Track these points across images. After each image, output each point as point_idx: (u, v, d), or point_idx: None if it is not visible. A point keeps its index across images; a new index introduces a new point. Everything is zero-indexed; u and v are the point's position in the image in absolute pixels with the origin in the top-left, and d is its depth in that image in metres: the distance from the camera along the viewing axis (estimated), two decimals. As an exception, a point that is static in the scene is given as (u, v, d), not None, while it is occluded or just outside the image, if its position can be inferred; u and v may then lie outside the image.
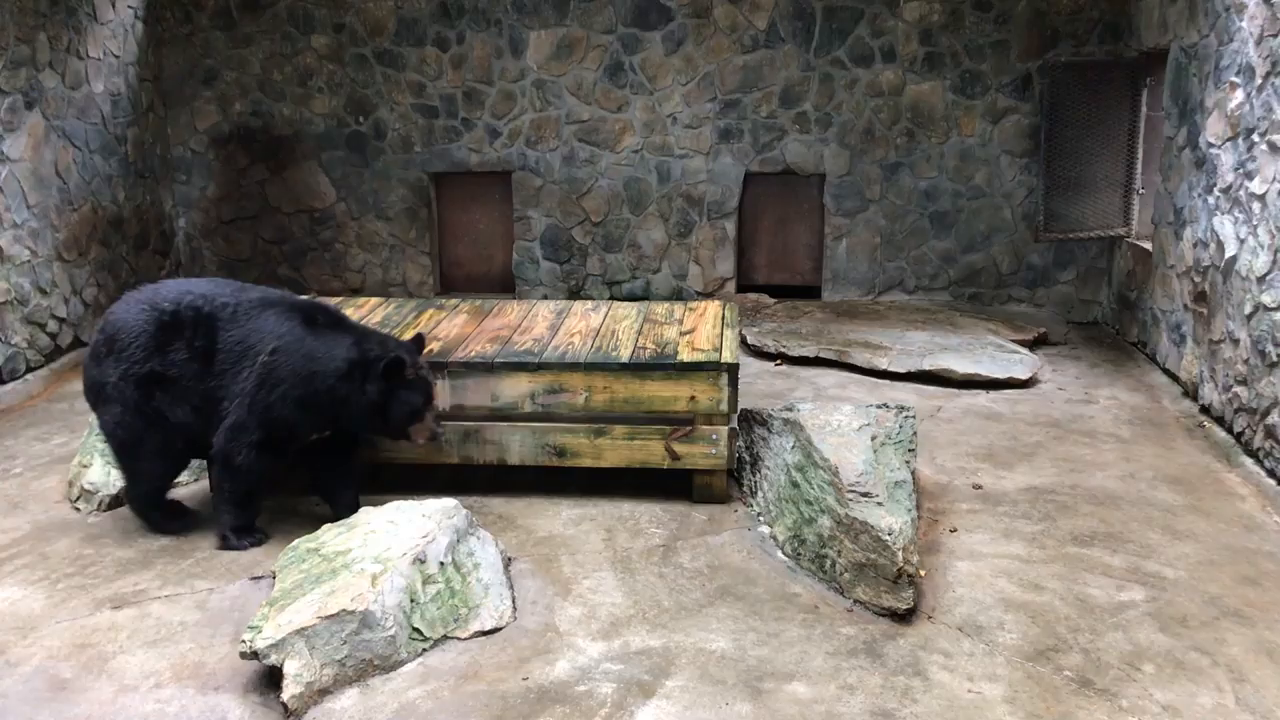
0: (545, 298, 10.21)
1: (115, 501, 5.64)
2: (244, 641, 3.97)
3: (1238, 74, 6.48)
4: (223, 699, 3.98)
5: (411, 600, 4.26)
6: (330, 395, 4.99)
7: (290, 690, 3.87)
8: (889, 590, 4.46)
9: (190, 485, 5.90)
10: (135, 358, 5.04)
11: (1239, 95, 6.44)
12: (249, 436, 4.97)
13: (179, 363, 5.04)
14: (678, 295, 10.22)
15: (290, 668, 3.91)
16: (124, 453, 5.21)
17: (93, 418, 6.18)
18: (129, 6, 9.53)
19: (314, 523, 5.35)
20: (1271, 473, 5.84)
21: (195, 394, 5.06)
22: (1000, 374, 7.67)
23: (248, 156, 10.39)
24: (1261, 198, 6.07)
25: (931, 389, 7.64)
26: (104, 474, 5.68)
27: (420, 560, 4.37)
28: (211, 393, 5.04)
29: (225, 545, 5.14)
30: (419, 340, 5.29)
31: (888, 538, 4.46)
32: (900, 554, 4.42)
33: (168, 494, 5.43)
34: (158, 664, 4.20)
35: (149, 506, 5.34)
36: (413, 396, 5.03)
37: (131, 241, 9.57)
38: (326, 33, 10.04)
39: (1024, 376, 7.66)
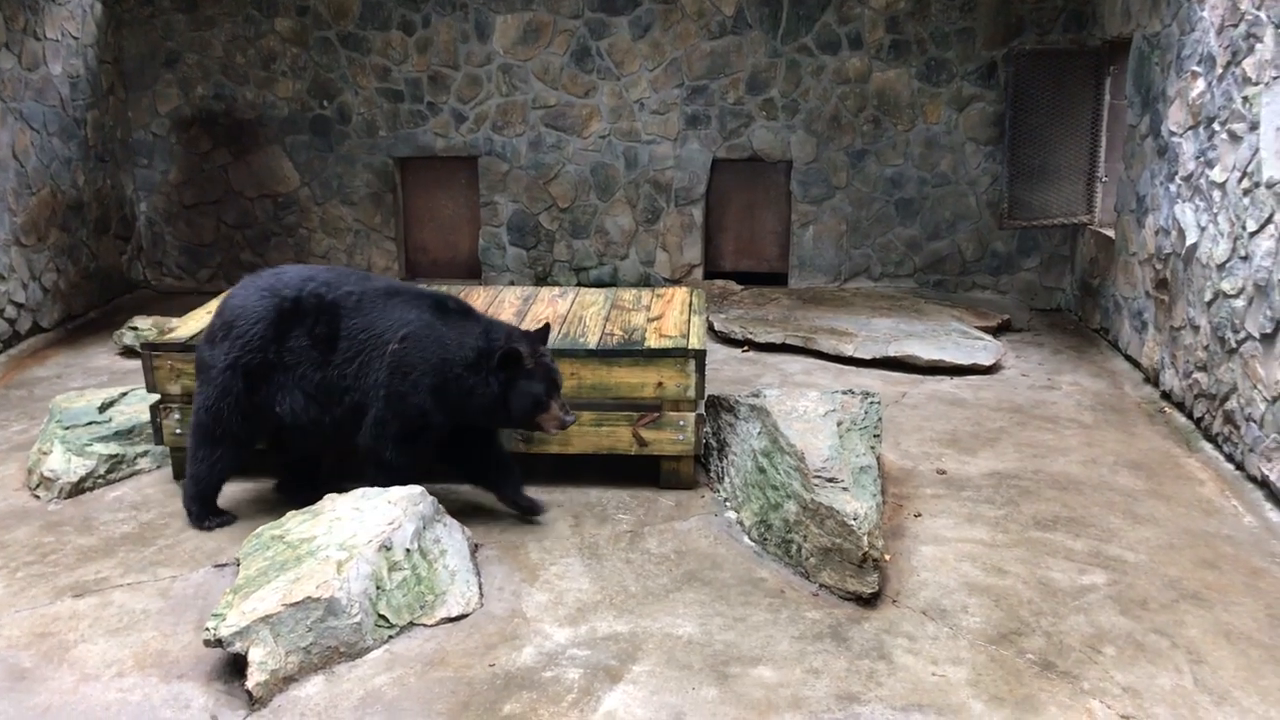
0: (512, 284, 10.17)
1: (75, 489, 5.58)
2: (208, 629, 3.94)
3: (1199, 63, 6.54)
4: (186, 687, 3.95)
5: (377, 587, 4.24)
6: (458, 385, 4.85)
7: (255, 678, 3.85)
8: (854, 575, 4.49)
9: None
10: (251, 345, 4.91)
11: (1200, 84, 6.51)
12: (390, 429, 4.87)
13: (297, 350, 4.91)
14: (645, 282, 10.22)
15: (255, 655, 3.88)
16: (203, 438, 5.09)
17: (52, 403, 6.13)
18: (88, -13, 9.39)
19: (278, 509, 5.33)
20: (1230, 458, 5.92)
21: (311, 382, 4.92)
22: (964, 360, 7.72)
23: (210, 140, 10.27)
24: (1222, 186, 6.14)
25: (896, 375, 7.68)
26: (64, 461, 5.61)
27: (386, 547, 4.35)
28: (332, 382, 4.91)
29: None
30: (545, 329, 5.11)
31: (853, 522, 4.49)
32: (865, 539, 4.45)
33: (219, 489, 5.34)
34: (120, 653, 4.16)
35: (197, 496, 5.21)
36: (533, 386, 4.86)
37: (92, 226, 9.45)
38: (290, 16, 9.94)
39: (988, 363, 7.72)
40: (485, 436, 5.22)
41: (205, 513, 5.22)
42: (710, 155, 9.94)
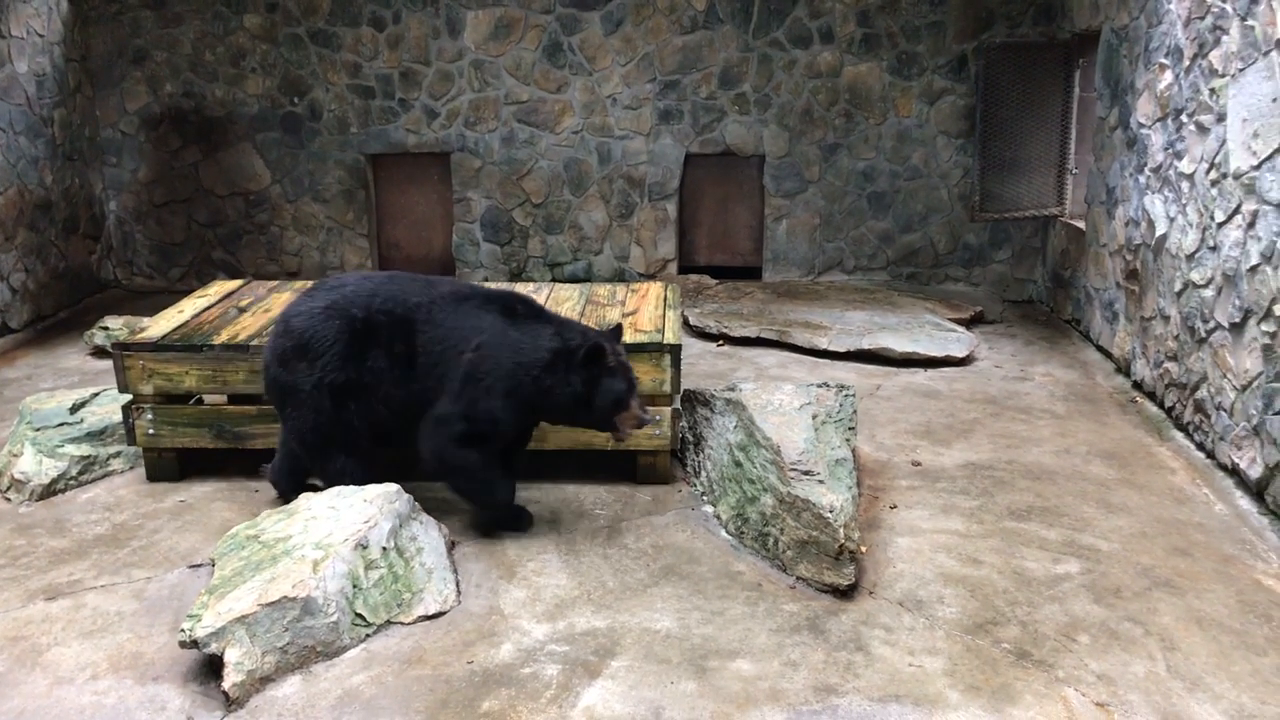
0: (486, 280, 10.15)
1: (47, 491, 5.53)
2: (183, 630, 3.91)
3: (1166, 55, 6.60)
4: (162, 689, 3.92)
5: (354, 586, 4.22)
6: (535, 386, 4.78)
7: (231, 679, 3.83)
8: (831, 567, 4.51)
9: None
10: (331, 365, 4.85)
11: (1168, 76, 6.56)
12: (453, 429, 4.80)
13: (379, 370, 4.86)
14: (620, 277, 10.21)
15: (231, 656, 3.86)
16: (317, 457, 5.06)
17: (22, 405, 6.07)
18: (53, -16, 9.29)
19: (254, 509, 5.30)
20: (1201, 446, 5.98)
21: (396, 400, 4.89)
22: (938, 352, 7.76)
23: (180, 138, 10.19)
24: (1190, 177, 6.20)
25: (871, 368, 7.72)
26: (35, 463, 5.56)
27: (362, 545, 4.34)
28: (417, 396, 4.86)
29: (500, 526, 5.06)
30: (618, 329, 5.05)
31: (829, 515, 4.50)
32: (841, 531, 4.47)
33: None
34: (94, 655, 4.13)
35: None
36: (616, 384, 4.78)
37: (60, 225, 9.36)
38: (259, 12, 9.87)
39: (961, 355, 7.76)
40: (522, 437, 5.20)
41: None
42: (683, 150, 9.95)
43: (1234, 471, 5.55)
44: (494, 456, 4.97)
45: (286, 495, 5.21)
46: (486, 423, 4.81)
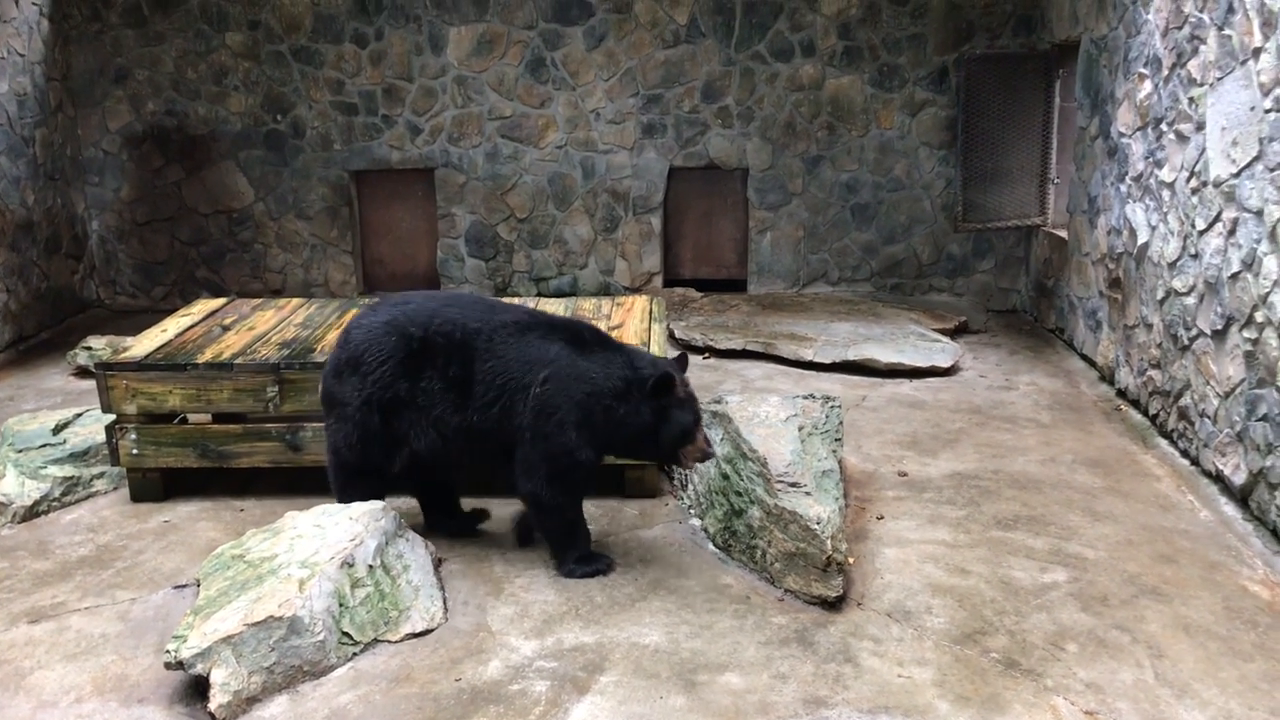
0: (471, 296, 10.12)
1: (30, 513, 5.49)
2: (169, 652, 3.88)
3: (1145, 65, 6.65)
4: (148, 711, 3.89)
5: (340, 604, 4.20)
6: (608, 416, 4.63)
7: (218, 699, 3.80)
8: (819, 579, 4.50)
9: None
10: (382, 382, 4.74)
11: (1147, 86, 6.61)
12: (540, 471, 4.67)
13: (431, 392, 4.73)
14: (605, 290, 10.22)
15: (217, 677, 3.84)
16: (345, 471, 4.94)
17: (4, 426, 6.03)
18: (33, 4, 9.28)
19: (239, 529, 5.27)
20: (1185, 453, 6.01)
21: (448, 425, 4.75)
22: (923, 363, 7.78)
23: (162, 157, 10.17)
24: (1171, 185, 6.24)
25: (856, 379, 7.73)
26: (17, 485, 5.53)
27: (348, 564, 4.31)
28: (471, 426, 4.72)
29: (570, 575, 4.82)
30: (683, 359, 4.94)
31: (816, 527, 4.50)
32: (829, 542, 4.47)
33: None
34: (78, 678, 4.09)
35: None
36: (684, 416, 4.65)
37: (42, 245, 9.32)
38: (241, 30, 9.86)
39: (946, 365, 7.78)
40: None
41: None
42: (667, 164, 9.97)
43: (1218, 478, 5.58)
44: (581, 497, 4.87)
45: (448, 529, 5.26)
46: (566, 457, 4.66)
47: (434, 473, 5.11)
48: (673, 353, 5.41)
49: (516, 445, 4.70)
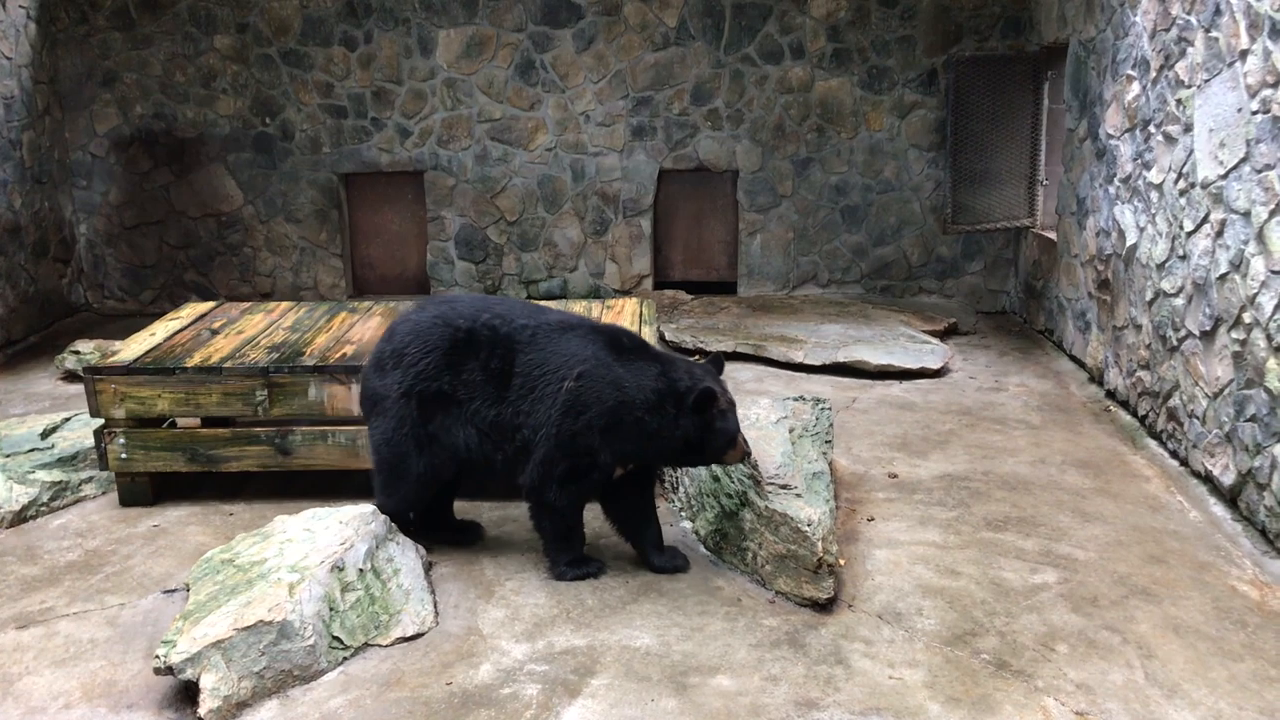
0: (461, 298, 10.11)
1: (18, 518, 5.47)
2: (158, 657, 3.87)
3: (1133, 67, 6.67)
4: (137, 717, 3.87)
5: (331, 609, 4.19)
6: (638, 428, 4.56)
7: (207, 705, 3.79)
8: (810, 580, 4.51)
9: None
10: (425, 374, 4.71)
11: (1135, 88, 6.63)
12: (556, 469, 4.61)
13: (471, 384, 4.68)
14: (595, 293, 10.22)
15: (207, 682, 3.82)
16: (385, 469, 4.88)
17: (-8, 432, 6.00)
18: (20, 6, 9.24)
19: (228, 533, 5.26)
20: (1174, 454, 6.02)
21: (484, 419, 4.69)
22: (913, 364, 7.79)
23: (150, 160, 10.13)
24: (1159, 187, 6.26)
25: (846, 380, 7.74)
26: (5, 490, 5.50)
27: (338, 568, 4.30)
28: (505, 419, 4.67)
29: (562, 578, 4.79)
30: (718, 361, 4.89)
31: (807, 529, 4.50)
32: (820, 544, 4.47)
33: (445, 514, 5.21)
34: (67, 684, 4.07)
35: (406, 528, 4.99)
36: (729, 423, 4.59)
37: (30, 249, 9.28)
38: (230, 33, 9.84)
39: (935, 366, 7.79)
40: (641, 482, 4.91)
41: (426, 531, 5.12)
42: (657, 166, 9.97)
43: (1207, 479, 5.59)
44: (585, 501, 4.81)
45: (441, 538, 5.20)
46: (585, 459, 4.60)
47: (456, 474, 5.02)
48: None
49: (539, 444, 4.64)
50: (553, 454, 4.61)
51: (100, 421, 5.59)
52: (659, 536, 4.93)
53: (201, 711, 3.77)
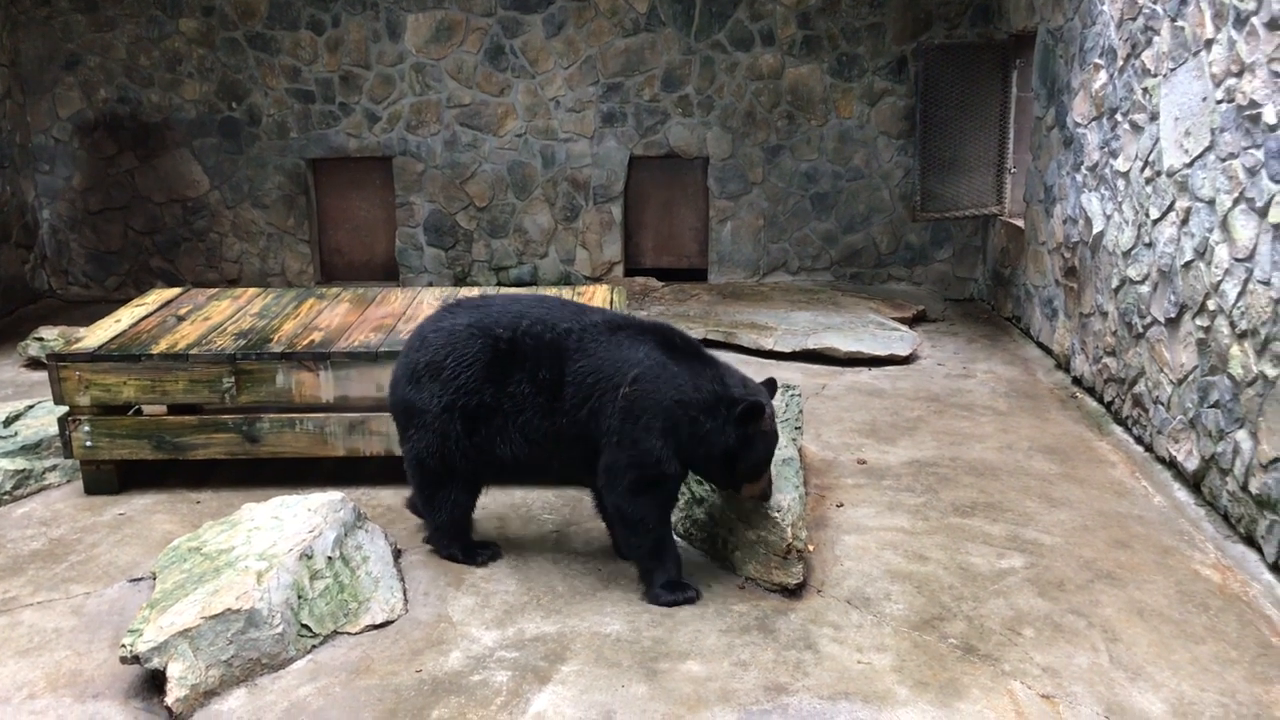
0: (430, 285, 10.07)
1: (-19, 506, 5.41)
2: (124, 646, 3.84)
3: (1101, 56, 6.71)
4: (103, 706, 3.84)
5: (299, 596, 4.17)
6: (693, 428, 4.35)
7: (174, 694, 3.76)
8: (779, 566, 4.52)
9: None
10: (466, 388, 4.50)
11: (1102, 76, 6.67)
12: (625, 478, 4.40)
13: (519, 396, 4.48)
14: (566, 280, 10.19)
15: (174, 670, 3.80)
16: (430, 482, 4.72)
17: (-46, 420, 5.92)
18: (-19, -12, 9.09)
19: (195, 521, 5.22)
20: (1139, 440, 6.09)
21: (538, 430, 4.50)
22: (882, 351, 7.83)
23: (115, 144, 10.01)
24: (1125, 175, 6.31)
25: (816, 367, 7.76)
26: (-32, 478, 5.44)
27: (307, 555, 4.28)
28: (562, 430, 4.47)
29: (656, 601, 4.49)
30: (772, 384, 4.69)
31: (777, 515, 4.52)
32: (789, 530, 4.49)
33: (471, 524, 4.97)
34: (31, 674, 4.03)
35: (450, 539, 4.85)
36: (763, 450, 4.42)
37: (-9, 234, 9.16)
38: (195, 16, 9.72)
39: (904, 353, 7.83)
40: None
41: (471, 550, 4.86)
42: (627, 152, 9.95)
43: (1171, 464, 5.66)
44: (669, 512, 4.60)
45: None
46: (652, 465, 4.37)
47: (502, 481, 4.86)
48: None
49: (603, 451, 4.44)
50: (619, 461, 4.41)
51: (65, 409, 5.53)
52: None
53: (168, 701, 3.75)
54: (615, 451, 4.39)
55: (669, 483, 4.46)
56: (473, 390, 4.51)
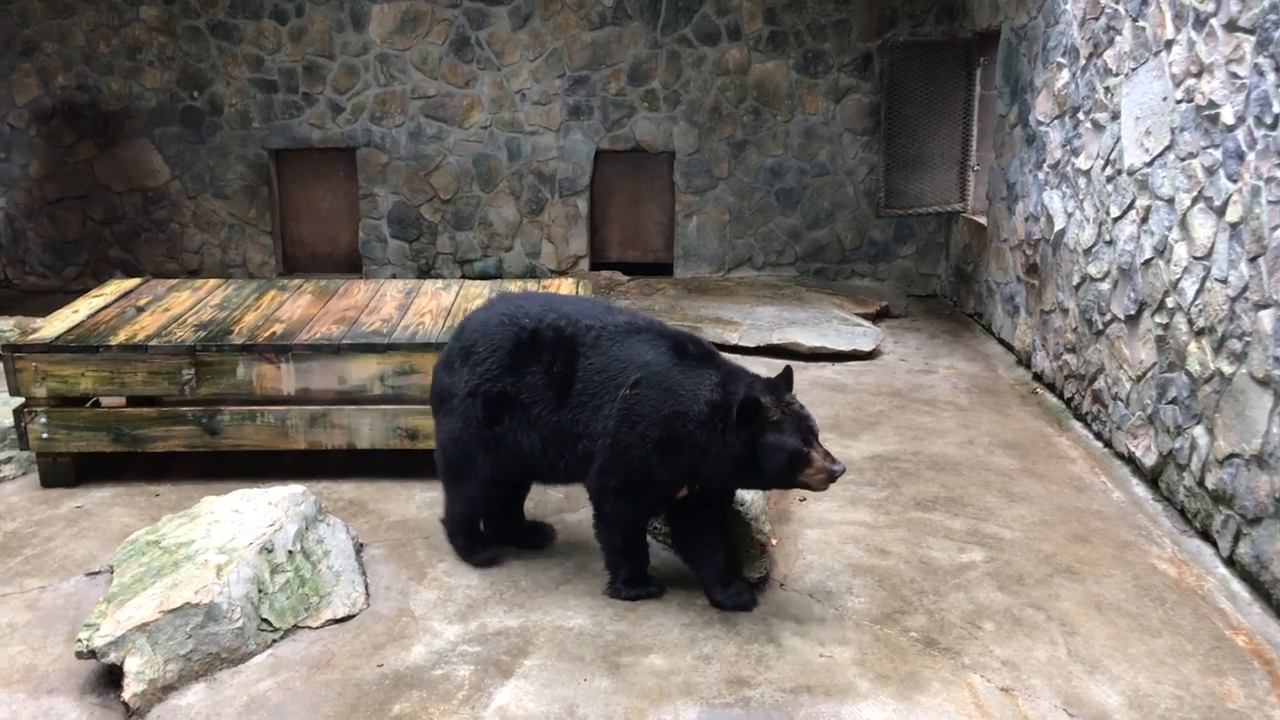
0: (394, 277, 10.01)
1: (-66, 499, 5.32)
2: (80, 640, 3.79)
3: (1064, 55, 6.77)
4: (58, 702, 3.79)
5: (259, 590, 4.13)
6: (690, 442, 4.18)
7: (132, 689, 3.72)
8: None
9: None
10: (490, 374, 4.48)
11: (1065, 75, 6.73)
12: (612, 481, 4.33)
13: (533, 388, 4.43)
14: (531, 274, 10.16)
15: (131, 665, 3.75)
16: (450, 470, 4.68)
17: (-94, 411, 5.83)
18: (-64, -28, 8.94)
19: (154, 514, 5.16)
20: (1099, 435, 6.15)
21: (546, 424, 4.43)
22: (845, 346, 7.87)
23: (74, 133, 9.87)
24: (1087, 173, 6.37)
25: (780, 362, 7.71)
26: (-80, 470, 5.35)
27: (267, 549, 4.25)
28: (566, 426, 4.39)
29: (616, 595, 4.49)
30: (787, 374, 4.39)
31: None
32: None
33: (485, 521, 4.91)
34: (-15, 668, 3.98)
35: (459, 531, 4.80)
36: (785, 439, 4.07)
37: (-54, 223, 9.01)
38: (156, 4, 9.60)
39: (867, 348, 7.87)
40: (709, 505, 4.48)
41: (472, 545, 4.80)
42: (593, 146, 9.93)
43: (1130, 460, 5.72)
44: (646, 518, 4.56)
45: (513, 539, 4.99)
46: (640, 473, 4.29)
47: (524, 477, 4.82)
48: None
49: (597, 453, 4.37)
50: (609, 465, 4.33)
51: (20, 400, 5.45)
52: (726, 569, 4.46)
53: (125, 696, 3.70)
54: (610, 454, 4.33)
55: (656, 491, 4.37)
56: (495, 377, 4.51)
